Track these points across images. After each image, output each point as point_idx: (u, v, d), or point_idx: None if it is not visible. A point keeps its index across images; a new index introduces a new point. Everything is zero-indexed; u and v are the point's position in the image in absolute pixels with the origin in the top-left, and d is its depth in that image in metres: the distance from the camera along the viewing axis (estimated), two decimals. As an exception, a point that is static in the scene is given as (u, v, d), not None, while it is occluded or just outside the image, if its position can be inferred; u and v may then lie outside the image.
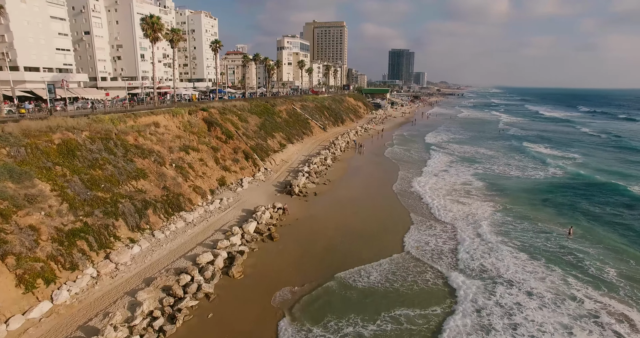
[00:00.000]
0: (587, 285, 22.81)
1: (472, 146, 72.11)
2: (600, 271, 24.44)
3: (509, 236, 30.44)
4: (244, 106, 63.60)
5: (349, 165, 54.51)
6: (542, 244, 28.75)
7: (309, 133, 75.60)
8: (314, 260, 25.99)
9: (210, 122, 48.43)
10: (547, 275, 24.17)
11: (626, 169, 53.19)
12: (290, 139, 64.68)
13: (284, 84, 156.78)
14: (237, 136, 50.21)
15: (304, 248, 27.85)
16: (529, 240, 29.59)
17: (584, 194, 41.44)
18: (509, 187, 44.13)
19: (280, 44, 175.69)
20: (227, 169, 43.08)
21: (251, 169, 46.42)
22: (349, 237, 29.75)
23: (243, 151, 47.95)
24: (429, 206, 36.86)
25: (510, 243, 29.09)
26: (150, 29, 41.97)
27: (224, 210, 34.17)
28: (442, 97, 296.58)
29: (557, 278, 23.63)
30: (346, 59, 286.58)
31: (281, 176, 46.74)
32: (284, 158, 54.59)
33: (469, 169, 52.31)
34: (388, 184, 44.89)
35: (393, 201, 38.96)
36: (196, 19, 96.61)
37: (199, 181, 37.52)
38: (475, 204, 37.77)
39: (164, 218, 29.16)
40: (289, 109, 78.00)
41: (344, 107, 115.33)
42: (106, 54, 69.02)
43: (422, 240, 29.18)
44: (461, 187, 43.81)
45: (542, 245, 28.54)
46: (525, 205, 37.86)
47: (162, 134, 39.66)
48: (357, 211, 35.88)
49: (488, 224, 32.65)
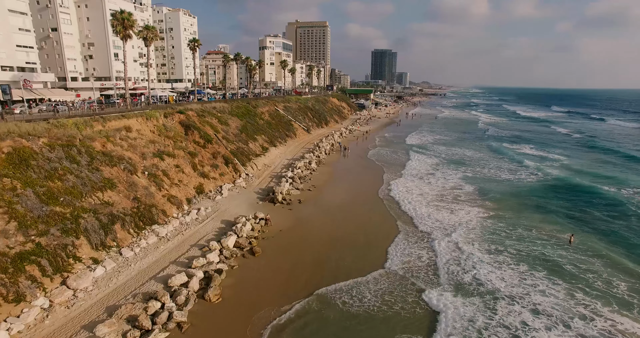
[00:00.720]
0: (596, 300, 21.33)
1: (457, 148, 71.27)
2: (608, 284, 23.02)
3: (503, 244, 29.03)
4: (224, 108, 60.94)
5: (334, 169, 52.57)
6: (540, 253, 27.37)
7: (293, 135, 73.36)
8: (297, 277, 23.86)
9: (187, 126, 45.69)
10: (550, 288, 22.71)
11: (618, 173, 52.93)
12: (272, 142, 62.32)
13: (266, 84, 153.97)
14: (217, 140, 47.60)
15: (288, 263, 25.70)
16: (526, 248, 28.21)
17: (576, 198, 40.62)
18: (497, 191, 43.01)
19: (263, 43, 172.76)
20: (206, 175, 40.49)
21: (231, 175, 43.91)
22: (335, 250, 27.74)
23: (223, 156, 45.39)
24: (416, 214, 35.19)
25: (506, 252, 27.64)
26: (121, 25, 38.96)
27: (201, 222, 31.65)
28: (425, 97, 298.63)
29: (563, 293, 22.16)
30: (329, 59, 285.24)
31: (263, 182, 44.40)
32: (266, 163, 52.23)
33: (455, 173, 51.09)
34: (374, 189, 43.15)
35: (380, 208, 37.20)
36: (174, 17, 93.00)
37: (175, 190, 34.86)
38: (464, 210, 36.35)
39: (133, 233, 26.48)
40: (271, 111, 75.59)
41: (328, 108, 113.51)
42: (76, 53, 64.96)
43: (411, 253, 27.33)
44: (449, 192, 42.43)
45: (540, 255, 27.15)
46: (516, 211, 36.67)
47: (134, 139, 36.82)
48: (343, 219, 33.92)
49: (480, 232, 31.21)
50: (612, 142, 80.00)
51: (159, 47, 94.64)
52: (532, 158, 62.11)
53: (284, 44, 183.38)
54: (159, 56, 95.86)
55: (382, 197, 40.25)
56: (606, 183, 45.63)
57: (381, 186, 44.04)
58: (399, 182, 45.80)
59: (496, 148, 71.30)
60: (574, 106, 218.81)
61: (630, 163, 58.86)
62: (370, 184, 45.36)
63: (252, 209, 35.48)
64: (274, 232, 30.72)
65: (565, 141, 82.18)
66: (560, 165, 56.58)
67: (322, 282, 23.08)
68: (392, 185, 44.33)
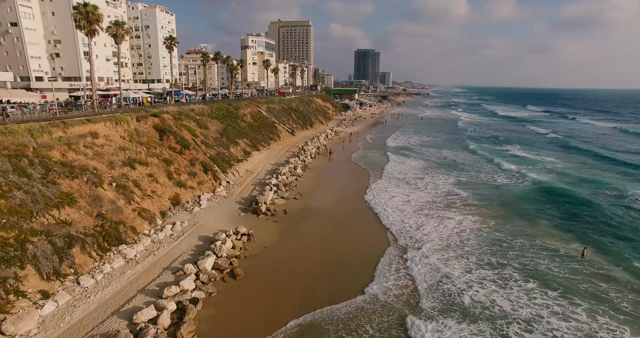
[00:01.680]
0: (624, 326, 19.24)
1: (444, 150, 69.60)
2: (636, 306, 20.95)
3: (505, 257, 26.94)
4: (204, 110, 57.50)
5: (321, 174, 49.86)
6: (549, 268, 25.31)
7: (276, 137, 70.32)
8: (283, 304, 21.07)
9: (162, 130, 42.21)
10: (569, 310, 20.59)
11: (612, 175, 52.09)
12: (255, 146, 59.19)
13: (248, 84, 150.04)
14: (195, 145, 44.25)
15: (273, 287, 22.88)
16: (532, 262, 26.12)
17: (577, 202, 38.95)
18: (490, 196, 41.20)
19: (244, 42, 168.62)
20: (182, 185, 37.18)
21: (211, 183, 40.68)
22: (324, 269, 25.08)
23: (201, 162, 42.09)
24: (405, 225, 32.84)
25: (510, 267, 25.52)
26: (85, 19, 35.20)
27: (176, 239, 28.45)
28: (408, 97, 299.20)
29: (584, 316, 20.03)
30: (312, 59, 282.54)
31: (246, 191, 41.33)
32: (249, 168, 49.11)
33: (444, 177, 49.09)
34: (362, 196, 40.67)
35: (369, 218, 34.79)
36: (150, 14, 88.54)
37: (147, 203, 31.50)
38: (455, 219, 34.22)
39: (96, 256, 23.14)
40: (253, 112, 72.36)
41: (313, 108, 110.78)
42: (41, 51, 60.18)
43: (403, 272, 24.90)
44: (438, 198, 40.30)
45: (550, 270, 25.06)
46: (514, 218, 34.77)
47: (101, 146, 33.26)
48: (331, 232, 31.24)
49: (478, 243, 29.09)
50: (589, 143, 80.00)
51: (135, 46, 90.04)
52: (518, 160, 60.94)
53: (266, 43, 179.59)
54: (135, 55, 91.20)
55: (371, 205, 37.78)
56: (601, 187, 44.49)
57: (368, 193, 41.62)
58: (387, 188, 43.52)
59: (476, 150, 69.56)
60: (549, 105, 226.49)
61: (614, 165, 58.26)
62: (357, 190, 42.82)
63: (233, 222, 32.45)
64: (258, 249, 27.80)
65: (540, 141, 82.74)
66: (548, 168, 55.39)
67: (311, 307, 20.43)
68: (379, 191, 41.99)
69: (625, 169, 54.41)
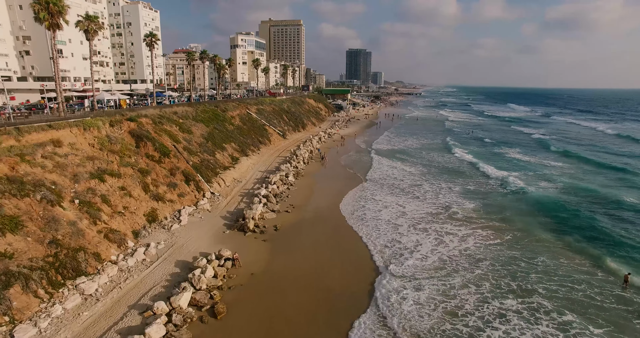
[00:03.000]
0: None
1: (444, 154, 66.39)
2: None
3: (526, 280, 23.52)
4: (188, 113, 53.35)
5: (314, 182, 46.06)
6: (588, 296, 21.77)
7: (267, 141, 66.39)
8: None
9: (139, 136, 38.08)
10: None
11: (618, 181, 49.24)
12: (244, 151, 55.20)
13: (238, 85, 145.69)
14: (176, 153, 40.16)
15: (260, 325, 19.15)
16: (562, 288, 22.61)
17: (596, 210, 35.78)
18: (497, 205, 37.90)
19: (234, 41, 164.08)
20: (160, 198, 33.13)
21: (193, 195, 36.66)
22: (320, 299, 21.52)
23: (183, 171, 38.05)
24: (405, 242, 29.35)
25: (537, 294, 22.05)
26: (45, 11, 30.93)
27: (149, 265, 24.47)
28: (401, 96, 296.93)
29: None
30: (304, 58, 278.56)
31: (232, 203, 37.39)
32: (236, 177, 45.13)
33: (444, 185, 45.57)
34: (360, 208, 37.02)
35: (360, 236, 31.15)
36: (132, 10, 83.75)
37: (117, 221, 27.43)
38: (458, 236, 30.78)
39: (44, 294, 19.09)
40: (242, 115, 68.33)
41: (305, 109, 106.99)
42: (8, 48, 55.33)
43: (408, 305, 21.37)
44: (438, 208, 36.84)
45: (588, 299, 21.52)
46: (529, 232, 31.40)
47: (64, 156, 29.08)
48: (328, 252, 27.60)
49: (491, 264, 25.61)
50: (581, 145, 77.82)
51: (117, 44, 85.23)
52: (516, 162, 57.98)
53: (256, 42, 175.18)
54: (117, 54, 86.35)
55: (368, 218, 34.15)
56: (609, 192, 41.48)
57: (366, 204, 38.02)
58: (383, 197, 39.96)
59: (476, 153, 67.02)
60: (542, 105, 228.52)
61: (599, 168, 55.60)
62: (358, 204, 39.19)
63: (216, 242, 28.55)
64: (244, 277, 23.94)
65: (524, 141, 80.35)
66: (557, 173, 52.41)
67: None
68: (375, 201, 38.43)
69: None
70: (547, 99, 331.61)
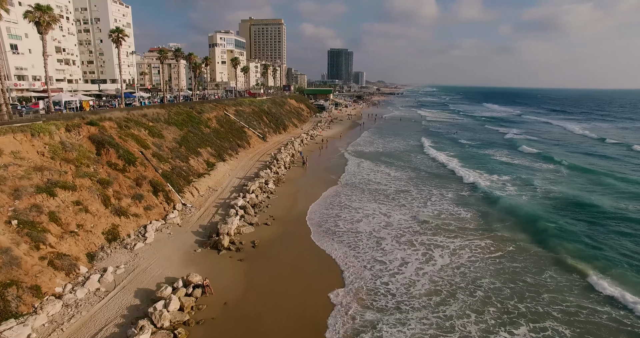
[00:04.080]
0: None
1: (432, 157, 64.43)
2: None
3: (536, 301, 21.18)
4: (159, 115, 49.51)
5: (297, 190, 42.97)
6: (614, 320, 19.47)
7: (246, 144, 62.92)
8: None
9: (100, 142, 34.24)
10: None
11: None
12: (221, 156, 51.66)
13: (217, 85, 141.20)
14: (143, 160, 36.43)
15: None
16: (582, 312, 20.27)
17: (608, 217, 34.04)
18: (490, 211, 35.84)
19: (213, 40, 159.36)
20: (123, 212, 29.46)
21: (162, 207, 33.07)
22: (309, 331, 18.55)
23: (151, 181, 34.40)
24: (393, 258, 26.77)
25: (551, 319, 19.61)
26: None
27: (103, 296, 20.97)
28: (383, 96, 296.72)
29: None
30: (285, 58, 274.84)
31: (206, 215, 33.98)
32: (211, 185, 41.64)
33: (441, 192, 43.44)
34: (344, 218, 34.28)
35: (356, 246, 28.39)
36: (101, 4, 78.60)
37: (67, 243, 23.74)
38: (456, 245, 28.57)
39: (-37, 345, 15.44)
40: (220, 116, 64.63)
41: (286, 110, 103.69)
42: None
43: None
44: (427, 217, 34.51)
45: (613, 323, 19.30)
46: (533, 242, 29.26)
47: (3, 167, 25.15)
48: (315, 275, 24.65)
49: (491, 281, 23.22)
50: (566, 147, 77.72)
51: (84, 40, 79.92)
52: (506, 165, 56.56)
53: (236, 41, 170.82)
54: (84, 52, 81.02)
55: (353, 230, 31.42)
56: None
57: (349, 213, 35.32)
58: (364, 205, 37.38)
59: (463, 154, 65.51)
60: (516, 105, 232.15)
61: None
62: (345, 213, 36.41)
63: (186, 263, 25.21)
64: (215, 308, 20.74)
65: (499, 141, 79.53)
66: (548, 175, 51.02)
67: None
68: (356, 210, 35.78)
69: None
70: (526, 99, 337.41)
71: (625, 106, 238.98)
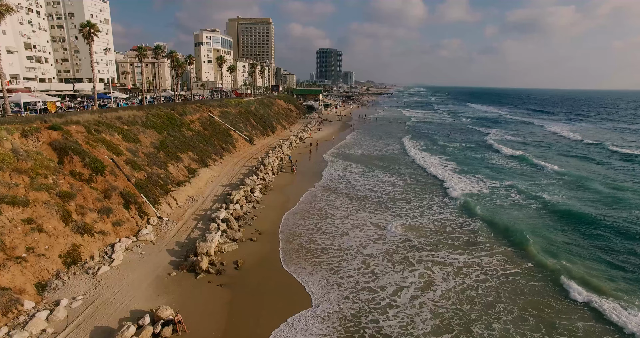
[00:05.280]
0: None
1: (430, 163, 61.76)
2: None
3: (571, 331, 18.32)
4: (136, 117, 45.68)
5: (286, 199, 39.51)
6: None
7: (231, 148, 59.28)
8: None
9: (63, 149, 30.39)
10: None
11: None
12: (204, 161, 47.98)
13: (203, 85, 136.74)
14: (114, 168, 32.64)
15: None
16: None
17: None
18: (501, 218, 33.03)
19: (198, 39, 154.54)
20: (87, 230, 25.73)
21: (134, 222, 29.39)
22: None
23: (122, 192, 30.66)
24: (385, 283, 23.69)
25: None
26: None
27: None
28: (373, 96, 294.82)
29: None
30: (273, 58, 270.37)
31: (184, 230, 30.39)
32: (192, 194, 38.01)
33: (442, 200, 40.65)
34: (337, 232, 31.11)
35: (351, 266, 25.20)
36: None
37: (9, 273, 19.98)
38: (457, 263, 25.60)
39: None
40: (203, 118, 60.87)
41: (274, 111, 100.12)
42: None
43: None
44: (427, 232, 31.57)
45: None
46: (552, 255, 26.47)
47: (-61, 182, 21.23)
48: (299, 303, 21.39)
49: (507, 309, 20.26)
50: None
51: (58, 37, 75.10)
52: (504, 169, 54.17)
53: (222, 39, 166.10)
54: (58, 49, 76.19)
55: (335, 247, 28.26)
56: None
57: (342, 226, 32.18)
58: (351, 213, 34.27)
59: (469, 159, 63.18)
60: (502, 105, 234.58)
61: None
62: (330, 223, 33.23)
63: (157, 291, 21.68)
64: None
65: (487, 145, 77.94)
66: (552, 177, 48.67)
67: None
68: (342, 222, 32.64)
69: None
70: (510, 99, 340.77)
71: (606, 107, 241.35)
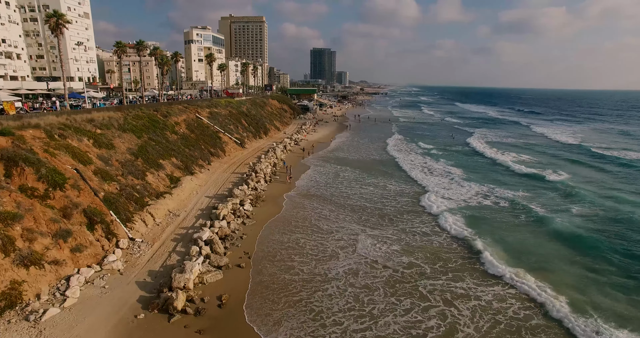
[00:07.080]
0: None
1: (435, 170, 57.58)
2: None
3: None
4: (112, 120, 40.85)
5: (281, 214, 34.72)
6: None
7: (220, 152, 54.53)
8: None
9: (12, 159, 25.45)
10: None
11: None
12: (189, 168, 43.24)
13: (194, 84, 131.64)
14: (78, 180, 27.78)
15: None
16: None
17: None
18: (517, 239, 28.84)
19: (189, 36, 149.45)
20: (35, 261, 20.95)
21: (99, 246, 24.63)
22: None
23: (85, 210, 25.85)
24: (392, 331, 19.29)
25: None
26: None
27: None
28: (367, 96, 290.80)
29: None
30: (267, 57, 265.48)
31: (160, 255, 25.68)
32: (173, 207, 33.26)
33: (442, 206, 36.42)
34: (339, 256, 26.65)
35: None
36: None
37: None
38: (488, 296, 21.29)
39: None
40: (190, 120, 56.04)
41: (267, 112, 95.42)
42: None
43: None
44: (435, 251, 27.26)
45: None
46: (590, 289, 22.30)
47: None
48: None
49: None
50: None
51: (32, 31, 69.64)
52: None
53: (214, 37, 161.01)
54: (33, 45, 70.71)
55: (321, 275, 23.83)
56: None
57: (336, 250, 27.73)
58: (351, 230, 29.84)
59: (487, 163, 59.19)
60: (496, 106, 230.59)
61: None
62: (333, 242, 28.76)
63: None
64: None
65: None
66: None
67: None
68: (348, 244, 28.21)
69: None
70: (502, 99, 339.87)
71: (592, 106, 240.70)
